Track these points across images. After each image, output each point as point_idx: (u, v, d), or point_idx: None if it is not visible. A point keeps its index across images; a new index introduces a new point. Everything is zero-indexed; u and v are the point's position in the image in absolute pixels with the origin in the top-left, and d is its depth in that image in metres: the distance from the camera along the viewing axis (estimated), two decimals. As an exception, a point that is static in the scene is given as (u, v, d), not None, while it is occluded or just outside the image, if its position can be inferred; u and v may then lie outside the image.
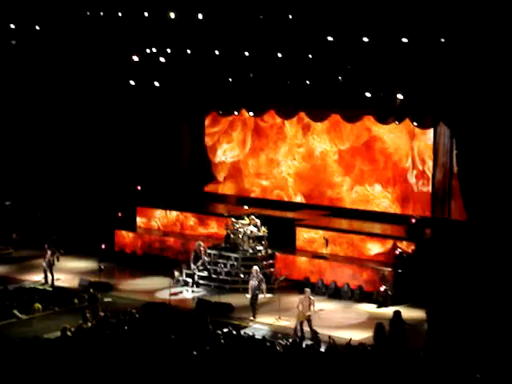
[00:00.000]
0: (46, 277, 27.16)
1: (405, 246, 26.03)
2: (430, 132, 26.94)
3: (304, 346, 19.93)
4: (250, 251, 27.57)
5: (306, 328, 22.40)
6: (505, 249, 21.16)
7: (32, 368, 16.83)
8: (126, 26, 26.42)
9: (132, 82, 28.66)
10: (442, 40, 22.29)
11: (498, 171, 21.29)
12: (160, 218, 31.04)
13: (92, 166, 32.01)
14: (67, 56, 28.84)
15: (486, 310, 20.93)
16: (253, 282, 24.74)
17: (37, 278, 27.52)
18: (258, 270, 25.26)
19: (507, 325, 20.50)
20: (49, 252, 27.24)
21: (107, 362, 17.06)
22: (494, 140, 21.81)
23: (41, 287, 26.61)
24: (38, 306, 24.11)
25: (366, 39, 23.31)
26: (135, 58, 26.77)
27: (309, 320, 22.50)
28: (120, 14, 26.14)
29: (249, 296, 24.68)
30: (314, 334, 21.74)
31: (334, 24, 23.51)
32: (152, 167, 31.61)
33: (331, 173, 30.19)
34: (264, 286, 24.83)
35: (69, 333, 19.58)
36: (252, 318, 24.06)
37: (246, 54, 25.00)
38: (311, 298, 22.89)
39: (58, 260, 27.32)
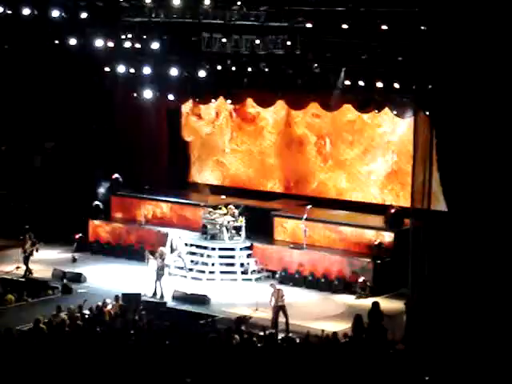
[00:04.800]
0: (26, 269, 26.67)
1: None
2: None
3: (279, 338, 19.68)
4: (228, 241, 27.30)
5: (282, 319, 22.20)
6: (485, 239, 21.03)
7: (4, 360, 16.45)
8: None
9: (107, 69, 28.21)
10: (422, 28, 22.05)
11: (478, 161, 21.14)
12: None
13: (67, 156, 31.52)
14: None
15: (466, 301, 20.80)
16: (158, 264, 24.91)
17: (9, 268, 27.02)
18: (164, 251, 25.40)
19: (487, 316, 20.37)
20: (28, 242, 26.77)
21: (80, 355, 16.72)
22: (475, 130, 21.64)
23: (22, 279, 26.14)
24: (10, 297, 23.72)
25: (345, 26, 23.01)
26: (111, 44, 26.27)
27: (283, 309, 22.27)
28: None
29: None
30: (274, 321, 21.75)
31: (314, 10, 23.16)
32: (128, 156, 31.17)
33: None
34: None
35: (42, 325, 19.20)
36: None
37: (224, 40, 24.63)
38: (280, 289, 22.80)
39: (37, 251, 26.87)
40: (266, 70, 25.59)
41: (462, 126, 21.69)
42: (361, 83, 24.74)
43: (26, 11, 25.54)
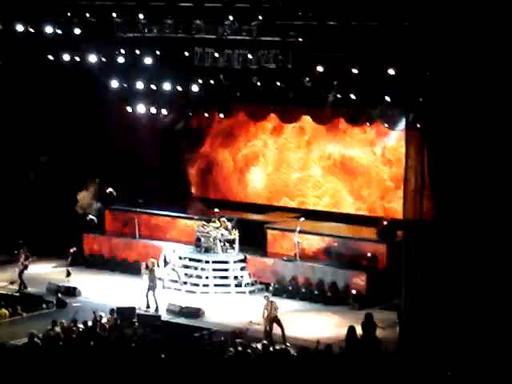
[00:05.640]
0: (20, 283, 26.70)
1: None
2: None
3: (276, 349, 19.77)
4: (221, 254, 27.38)
5: (277, 331, 22.28)
6: (477, 249, 21.15)
7: (-1, 375, 16.51)
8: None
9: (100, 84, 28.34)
10: (413, 40, 22.21)
11: (470, 172, 21.29)
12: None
13: (61, 169, 31.58)
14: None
15: (460, 311, 20.91)
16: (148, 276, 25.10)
17: (1, 283, 27.04)
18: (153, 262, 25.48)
19: (481, 326, 20.48)
20: (22, 256, 26.81)
21: (75, 369, 16.76)
22: (466, 141, 21.80)
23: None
24: (4, 311, 23.72)
25: (336, 40, 23.19)
26: (104, 59, 26.38)
27: (277, 321, 22.36)
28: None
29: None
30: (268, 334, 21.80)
31: (305, 25, 23.34)
32: (123, 169, 31.26)
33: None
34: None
35: (36, 339, 19.23)
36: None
37: (216, 55, 24.80)
38: (273, 301, 22.81)
39: (29, 264, 26.89)
40: (259, 83, 25.74)
41: (453, 138, 21.86)
42: (352, 96, 24.89)
43: (20, 27, 25.71)
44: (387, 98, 24.19)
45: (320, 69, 24.11)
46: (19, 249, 27.11)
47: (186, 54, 25.32)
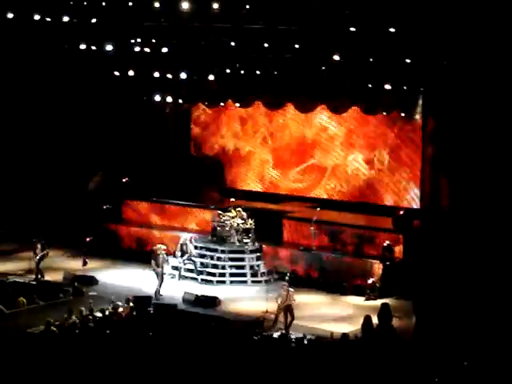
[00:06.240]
0: (37, 272, 26.83)
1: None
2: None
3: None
4: (237, 244, 27.40)
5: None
6: (492, 239, 21.08)
7: (15, 363, 16.57)
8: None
9: (116, 73, 28.38)
10: (429, 31, 22.13)
11: (485, 161, 21.22)
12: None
13: (79, 159, 31.66)
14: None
15: (476, 300, 20.84)
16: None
17: (18, 272, 27.16)
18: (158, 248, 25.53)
19: (495, 315, 20.41)
20: (39, 246, 26.91)
21: (93, 358, 16.82)
22: (481, 131, 21.72)
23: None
24: (22, 299, 23.80)
25: (352, 29, 23.08)
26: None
27: (290, 309, 22.34)
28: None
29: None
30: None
31: (321, 13, 23.25)
32: (140, 159, 31.31)
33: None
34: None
35: (53, 327, 19.31)
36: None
37: (233, 44, 24.77)
38: (290, 289, 22.79)
39: (47, 255, 27.02)
40: (275, 73, 25.67)
41: (469, 127, 21.80)
42: (369, 85, 24.79)
43: (37, 17, 25.75)
44: (404, 88, 24.09)
45: (336, 58, 24.03)
46: (35, 238, 27.20)
47: (203, 43, 25.29)
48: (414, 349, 19.40)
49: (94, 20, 25.58)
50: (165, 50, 25.99)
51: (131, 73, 27.75)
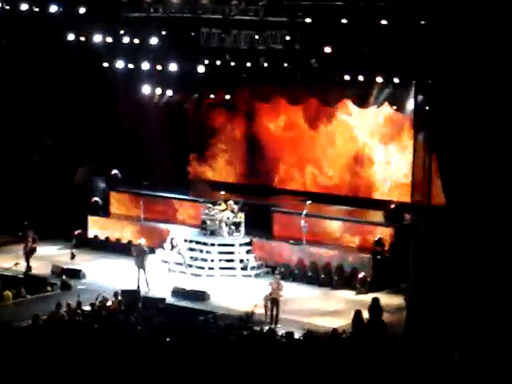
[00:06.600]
0: (28, 264, 26.58)
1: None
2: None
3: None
4: (227, 237, 27.23)
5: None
6: (485, 233, 20.97)
7: (2, 357, 16.38)
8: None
9: (105, 64, 28.09)
10: (422, 22, 21.95)
11: (478, 155, 21.09)
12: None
13: (66, 152, 31.40)
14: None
15: (467, 295, 20.75)
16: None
17: (7, 265, 26.92)
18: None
19: (488, 310, 20.33)
20: (29, 239, 26.66)
21: (79, 351, 16.64)
22: (474, 124, 21.58)
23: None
24: (8, 293, 23.61)
25: (344, 20, 22.90)
26: (109, 40, 26.14)
27: (276, 303, 22.20)
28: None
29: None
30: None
31: (313, 5, 23.05)
32: (128, 151, 31.05)
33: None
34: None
35: (40, 321, 19.13)
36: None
37: (223, 35, 24.54)
38: (280, 284, 22.70)
39: (35, 250, 26.79)
40: (265, 65, 25.48)
41: (463, 121, 21.65)
42: (360, 78, 24.62)
43: (24, 7, 25.44)
44: (396, 80, 23.94)
45: (328, 50, 23.83)
46: (25, 231, 26.95)
47: (192, 34, 25.06)
48: (404, 343, 19.34)
49: (82, 10, 25.28)
50: (154, 41, 25.72)
51: (120, 64, 27.47)
